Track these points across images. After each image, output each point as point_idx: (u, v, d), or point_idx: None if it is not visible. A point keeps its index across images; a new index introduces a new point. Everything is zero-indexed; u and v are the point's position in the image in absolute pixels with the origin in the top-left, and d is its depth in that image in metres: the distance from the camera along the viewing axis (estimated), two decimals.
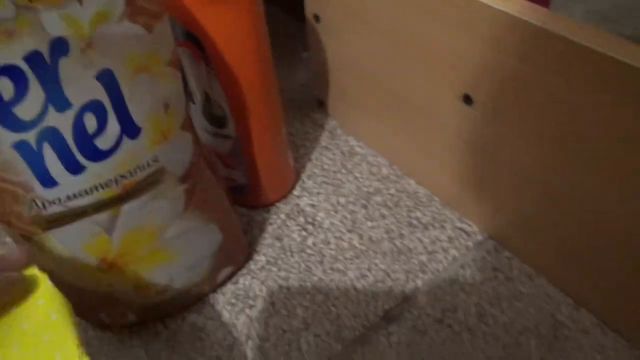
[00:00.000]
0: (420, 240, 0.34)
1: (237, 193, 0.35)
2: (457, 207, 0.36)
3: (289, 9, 0.52)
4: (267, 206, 0.37)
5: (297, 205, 0.37)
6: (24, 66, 0.18)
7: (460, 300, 0.31)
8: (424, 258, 0.33)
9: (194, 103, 0.31)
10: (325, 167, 0.40)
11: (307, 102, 0.46)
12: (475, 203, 0.34)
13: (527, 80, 0.25)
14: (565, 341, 0.29)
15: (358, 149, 0.41)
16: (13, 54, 0.17)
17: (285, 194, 0.38)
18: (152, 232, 0.26)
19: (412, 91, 0.33)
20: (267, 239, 0.35)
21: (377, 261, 0.33)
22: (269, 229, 0.36)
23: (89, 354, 0.30)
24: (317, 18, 0.39)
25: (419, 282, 0.32)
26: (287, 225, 0.36)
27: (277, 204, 0.37)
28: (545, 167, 0.27)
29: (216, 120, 0.32)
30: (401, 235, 0.35)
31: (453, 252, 0.33)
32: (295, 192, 0.38)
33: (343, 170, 0.39)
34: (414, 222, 0.35)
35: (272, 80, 0.32)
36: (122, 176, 0.22)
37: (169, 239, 0.26)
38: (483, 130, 0.30)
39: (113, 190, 0.23)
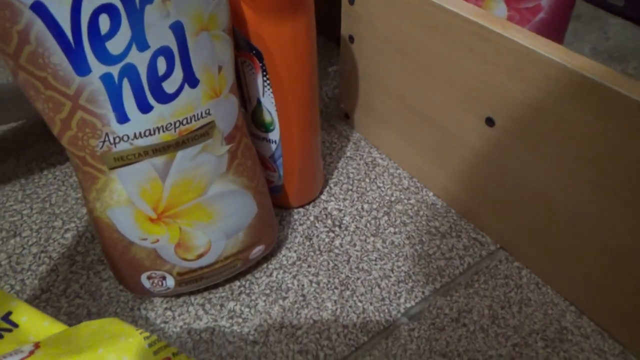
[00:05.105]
0: (439, 247, 0.37)
1: (272, 193, 0.38)
2: (472, 220, 0.39)
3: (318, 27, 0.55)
4: (298, 208, 0.40)
5: (325, 209, 0.40)
6: (120, 6, 0.21)
7: (474, 303, 0.34)
8: (442, 263, 0.36)
9: (246, 110, 0.34)
10: (351, 175, 0.43)
11: (333, 114, 0.49)
12: (490, 216, 0.37)
13: (544, 108, 0.29)
14: (568, 344, 0.32)
15: (380, 161, 0.44)
16: None
17: (314, 198, 0.41)
18: (198, 186, 0.28)
19: (437, 112, 0.37)
20: (297, 237, 0.38)
21: (399, 263, 0.36)
22: (300, 228, 0.39)
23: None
24: (351, 39, 0.42)
25: (438, 285, 0.35)
26: (316, 227, 0.39)
27: (307, 206, 0.40)
28: (555, 187, 0.31)
29: (264, 125, 0.35)
30: (421, 242, 0.38)
31: (468, 259, 0.37)
32: (323, 197, 0.41)
33: (367, 180, 0.43)
34: (433, 230, 0.39)
35: (316, 91, 0.35)
36: (180, 122, 0.25)
37: (211, 196, 0.29)
38: (502, 150, 0.33)
39: (171, 135, 0.26)
